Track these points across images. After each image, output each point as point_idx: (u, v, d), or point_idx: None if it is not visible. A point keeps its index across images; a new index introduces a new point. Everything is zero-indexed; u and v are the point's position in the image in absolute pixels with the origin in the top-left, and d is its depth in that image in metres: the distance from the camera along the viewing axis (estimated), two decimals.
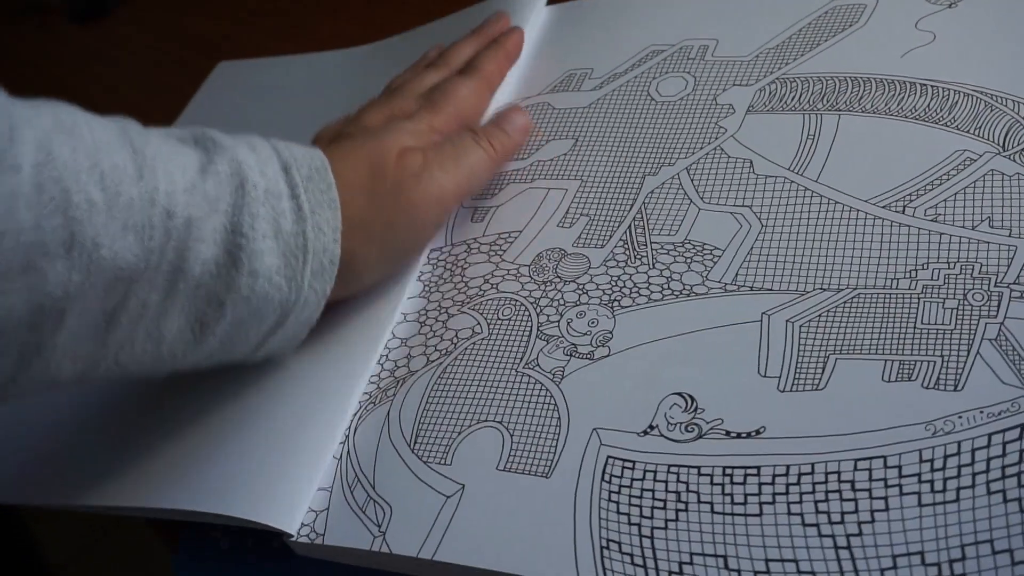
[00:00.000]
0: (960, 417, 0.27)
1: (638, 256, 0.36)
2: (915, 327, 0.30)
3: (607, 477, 0.30)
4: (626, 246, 0.37)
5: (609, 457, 0.31)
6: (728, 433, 0.30)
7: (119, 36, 0.72)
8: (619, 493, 0.30)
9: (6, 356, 0.27)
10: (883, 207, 0.34)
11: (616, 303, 0.35)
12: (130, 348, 0.30)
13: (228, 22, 0.68)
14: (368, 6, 0.58)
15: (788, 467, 0.28)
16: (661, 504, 0.29)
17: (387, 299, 0.38)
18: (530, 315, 0.36)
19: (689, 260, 0.35)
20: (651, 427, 0.31)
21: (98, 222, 0.27)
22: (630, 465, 0.30)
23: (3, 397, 0.29)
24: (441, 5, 0.52)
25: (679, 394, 0.31)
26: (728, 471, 0.29)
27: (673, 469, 0.30)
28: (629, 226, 0.37)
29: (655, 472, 0.30)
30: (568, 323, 0.35)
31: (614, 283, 0.36)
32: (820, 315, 0.32)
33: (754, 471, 0.29)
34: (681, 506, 0.29)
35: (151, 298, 0.30)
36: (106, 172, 0.28)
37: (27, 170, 0.26)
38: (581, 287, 0.36)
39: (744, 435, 0.30)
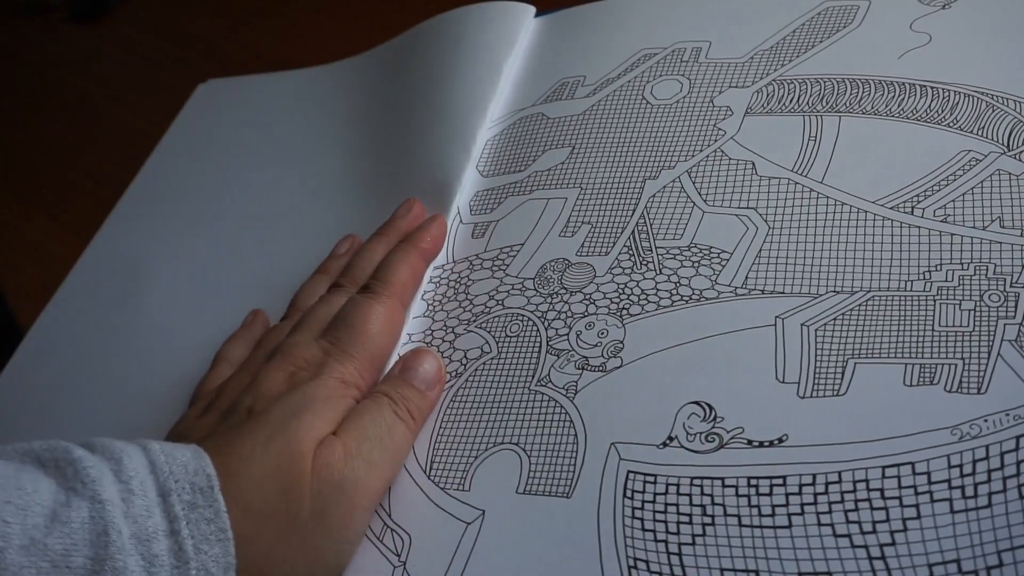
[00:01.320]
0: (986, 420, 0.27)
1: (644, 262, 0.36)
2: (933, 330, 0.30)
3: (629, 493, 0.30)
4: (631, 252, 0.36)
5: (630, 472, 0.30)
6: (750, 442, 0.30)
7: (119, 36, 0.72)
8: (642, 509, 0.29)
9: None
10: (891, 208, 0.34)
11: (625, 311, 0.34)
12: None
13: (228, 22, 0.67)
14: (367, 5, 0.57)
15: (814, 476, 0.28)
16: (687, 519, 0.29)
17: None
18: (538, 330, 0.35)
19: (697, 264, 0.35)
20: (670, 438, 0.30)
21: None
22: (651, 479, 0.30)
23: None
24: (442, 6, 0.51)
25: (696, 403, 0.31)
26: (753, 482, 0.29)
27: (696, 481, 0.29)
28: (632, 232, 0.37)
29: (678, 485, 0.29)
30: (577, 335, 0.35)
31: (621, 291, 0.35)
32: (835, 318, 0.31)
33: (780, 481, 0.28)
34: (708, 520, 0.28)
35: None
36: None
37: None
38: (588, 297, 0.36)
39: (767, 444, 0.29)
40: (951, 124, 0.35)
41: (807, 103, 0.38)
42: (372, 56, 0.54)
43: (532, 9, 0.49)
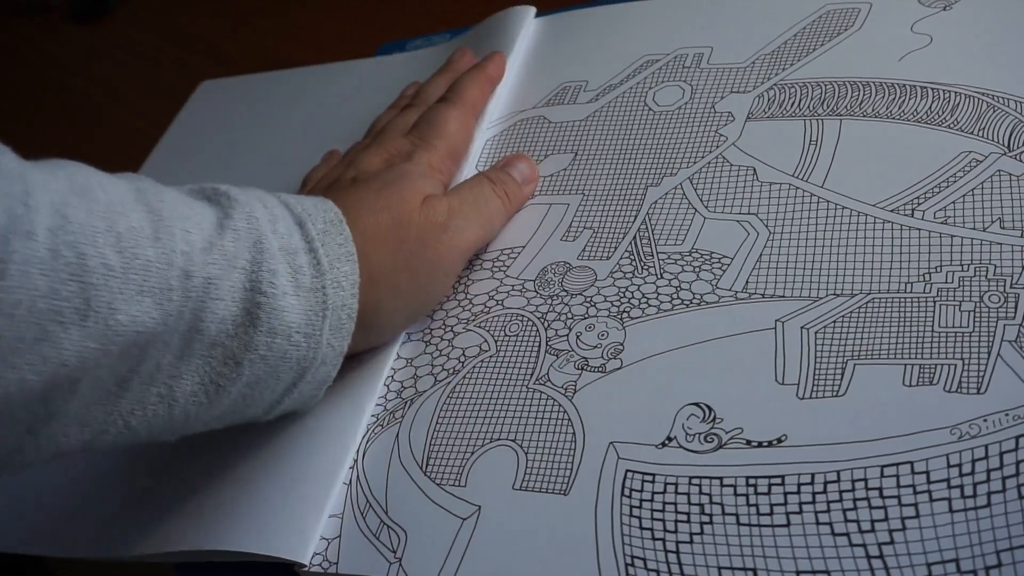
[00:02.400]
0: (985, 420, 0.27)
1: (645, 267, 0.36)
2: (933, 331, 0.30)
3: (627, 491, 0.30)
4: (632, 257, 0.36)
5: (628, 471, 0.30)
6: (749, 443, 0.29)
7: (119, 36, 0.72)
8: (640, 507, 0.29)
9: (15, 426, 0.26)
10: (891, 211, 0.34)
11: (625, 314, 0.34)
12: (141, 412, 0.29)
13: (228, 22, 0.67)
14: (367, 5, 0.58)
15: (813, 476, 0.28)
16: (685, 517, 0.29)
17: None
18: (538, 330, 0.35)
19: (698, 269, 0.35)
20: (669, 439, 0.30)
21: (114, 286, 0.26)
22: (650, 478, 0.30)
23: (5, 467, 0.27)
24: (441, 6, 0.51)
25: (696, 404, 0.31)
26: (752, 481, 0.29)
27: (695, 481, 0.29)
28: (634, 237, 0.37)
29: (676, 484, 0.29)
30: (577, 336, 0.35)
31: (622, 294, 0.35)
32: (835, 321, 0.31)
33: (778, 480, 0.28)
34: (705, 519, 0.28)
35: (165, 360, 0.28)
36: (122, 234, 0.27)
37: (42, 235, 0.25)
38: (588, 299, 0.36)
39: (765, 444, 0.29)
40: (952, 125, 0.35)
41: (808, 107, 0.38)
42: (375, 64, 0.54)
43: (532, 9, 0.49)
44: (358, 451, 0.34)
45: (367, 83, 0.52)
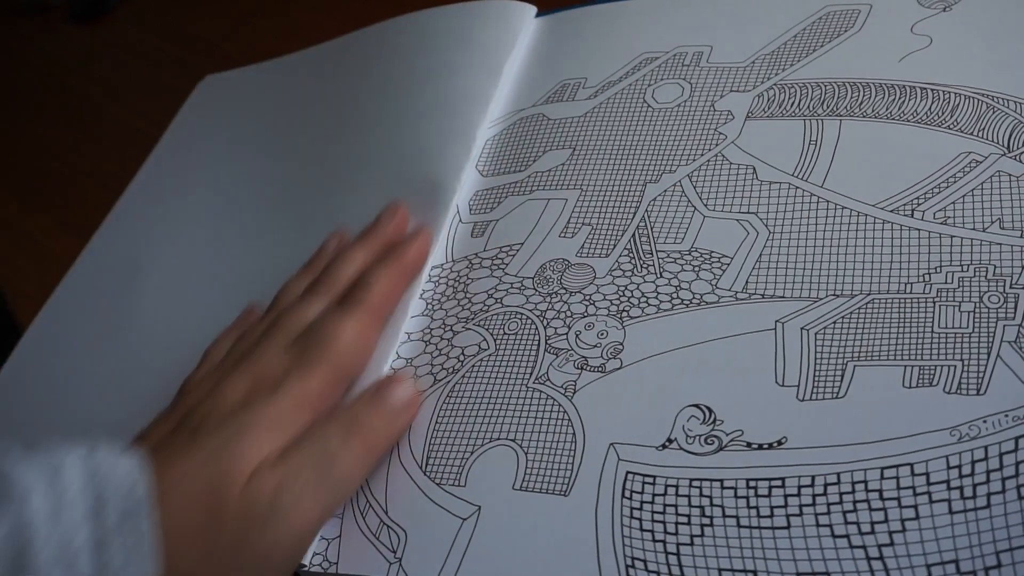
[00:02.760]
0: (985, 421, 0.27)
1: (644, 265, 0.36)
2: (932, 331, 0.30)
3: (627, 493, 0.30)
4: (631, 255, 0.36)
5: (628, 472, 0.30)
6: (749, 445, 0.29)
7: (119, 36, 0.72)
8: (641, 509, 0.29)
9: None
10: (891, 211, 0.34)
11: (625, 313, 0.34)
12: None
13: (228, 22, 0.67)
14: (367, 6, 0.58)
15: (813, 478, 0.28)
16: (685, 519, 0.29)
17: (390, 320, 0.37)
18: (537, 328, 0.35)
19: (697, 268, 0.35)
20: (669, 440, 0.30)
21: None
22: (650, 480, 0.30)
23: None
24: (440, 6, 0.51)
25: (696, 406, 0.31)
26: (752, 483, 0.29)
27: (695, 483, 0.29)
28: (633, 235, 0.37)
29: (676, 487, 0.29)
30: (577, 335, 0.35)
31: (621, 293, 0.35)
32: (835, 321, 0.31)
33: (779, 483, 0.28)
34: (706, 521, 0.28)
35: None
36: None
37: None
38: (588, 298, 0.36)
39: (766, 446, 0.29)
40: (951, 126, 0.35)
41: (808, 107, 0.38)
42: (371, 33, 0.53)
43: (533, 9, 0.49)
44: None
45: (372, 55, 0.52)
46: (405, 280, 0.38)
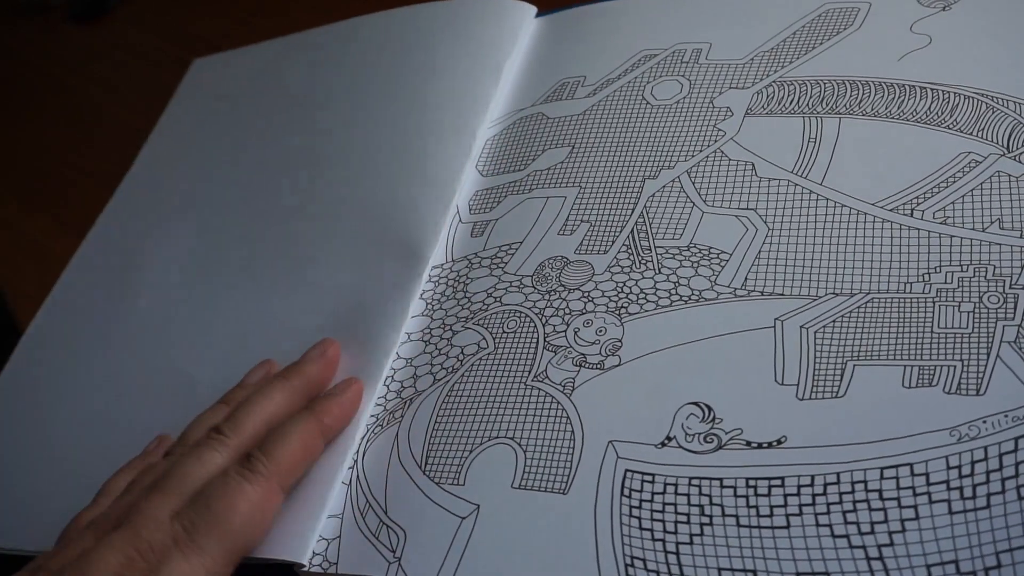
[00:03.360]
0: (984, 422, 0.27)
1: (643, 261, 0.36)
2: (932, 331, 0.30)
3: (626, 491, 0.30)
4: (630, 251, 0.36)
5: (627, 470, 0.30)
6: (749, 443, 0.29)
7: (119, 36, 0.72)
8: (640, 508, 0.29)
9: None
10: (891, 210, 0.33)
11: (623, 310, 0.34)
12: None
13: (228, 22, 0.67)
14: (367, 6, 0.57)
15: (813, 477, 0.28)
16: (684, 518, 0.29)
17: (390, 320, 0.37)
18: (536, 326, 0.35)
19: (696, 264, 0.35)
20: (669, 438, 0.30)
21: None
22: (649, 478, 0.30)
23: None
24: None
25: (695, 404, 0.31)
26: (751, 482, 0.29)
27: (695, 481, 0.29)
28: (632, 231, 0.37)
29: (676, 485, 0.29)
30: (575, 332, 0.35)
31: (620, 290, 0.35)
32: (834, 320, 0.31)
33: (778, 482, 0.28)
34: (705, 520, 0.28)
35: None
36: None
37: None
38: (586, 295, 0.35)
39: (765, 445, 0.29)
40: (951, 126, 0.35)
41: (807, 105, 0.38)
42: (369, 23, 0.53)
43: (533, 9, 0.49)
44: (357, 451, 0.34)
45: (366, 40, 0.52)
46: (321, 443, 0.34)
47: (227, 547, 0.30)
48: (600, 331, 0.34)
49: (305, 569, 0.31)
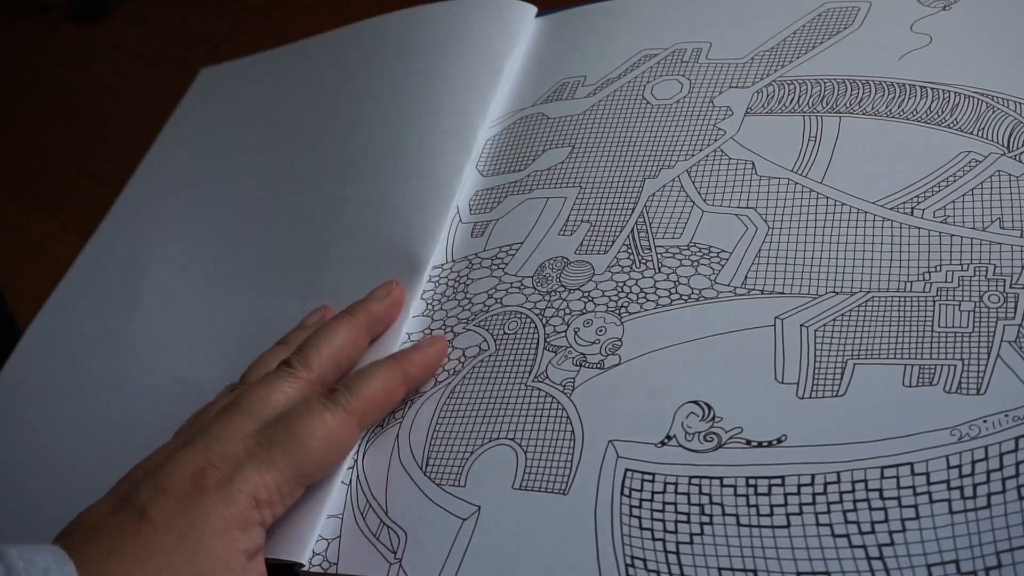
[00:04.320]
0: (985, 421, 0.27)
1: (643, 260, 0.36)
2: (932, 330, 0.30)
3: (627, 491, 0.30)
4: (630, 251, 0.36)
5: (627, 470, 0.30)
6: (749, 442, 0.29)
7: (119, 36, 0.72)
8: (640, 507, 0.29)
9: None
10: (891, 209, 0.33)
11: (623, 309, 0.34)
12: None
13: (228, 22, 0.67)
14: (367, 7, 0.58)
15: (813, 476, 0.28)
16: (685, 517, 0.29)
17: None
18: (536, 326, 0.35)
19: (696, 263, 0.35)
20: (668, 437, 0.30)
21: None
22: (649, 478, 0.30)
23: None
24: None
25: (695, 402, 0.31)
26: (752, 481, 0.29)
27: (695, 481, 0.29)
28: (632, 230, 0.37)
29: (676, 484, 0.29)
30: (575, 332, 0.35)
31: (620, 289, 0.35)
32: (835, 319, 0.31)
33: (778, 481, 0.28)
34: (706, 519, 0.28)
35: None
36: None
37: None
38: (586, 295, 0.35)
39: (765, 444, 0.29)
40: (951, 125, 0.35)
41: (807, 104, 0.38)
42: (371, 26, 0.53)
43: (533, 9, 0.49)
44: (358, 452, 0.34)
45: (369, 46, 0.52)
46: (404, 390, 0.34)
47: (299, 467, 0.30)
48: (600, 331, 0.34)
49: (305, 569, 0.31)
